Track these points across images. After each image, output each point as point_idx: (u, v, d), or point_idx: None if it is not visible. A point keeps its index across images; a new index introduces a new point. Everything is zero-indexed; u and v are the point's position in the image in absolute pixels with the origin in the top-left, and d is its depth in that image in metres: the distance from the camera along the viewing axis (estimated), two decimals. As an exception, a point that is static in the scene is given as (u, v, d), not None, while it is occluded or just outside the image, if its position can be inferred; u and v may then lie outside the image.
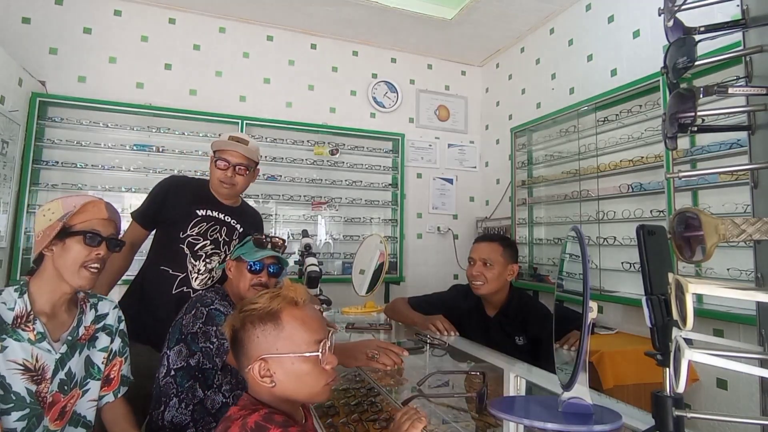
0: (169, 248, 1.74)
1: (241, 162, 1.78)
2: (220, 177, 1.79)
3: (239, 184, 1.82)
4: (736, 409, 2.05)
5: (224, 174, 1.78)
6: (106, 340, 1.29)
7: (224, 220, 1.82)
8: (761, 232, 0.60)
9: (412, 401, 1.22)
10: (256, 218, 2.02)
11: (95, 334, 1.27)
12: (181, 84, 3.41)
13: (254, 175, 1.90)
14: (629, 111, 2.55)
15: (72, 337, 1.19)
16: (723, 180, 1.99)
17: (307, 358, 0.92)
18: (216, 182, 1.80)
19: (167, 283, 1.72)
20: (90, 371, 1.24)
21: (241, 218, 1.87)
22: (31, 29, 3.07)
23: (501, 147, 3.92)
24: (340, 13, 3.46)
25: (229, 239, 1.81)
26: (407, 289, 3.78)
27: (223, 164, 1.77)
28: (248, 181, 1.87)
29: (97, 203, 1.20)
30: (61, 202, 1.18)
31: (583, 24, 3.12)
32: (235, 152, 1.78)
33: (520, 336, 1.84)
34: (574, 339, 1.15)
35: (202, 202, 1.80)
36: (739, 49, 0.73)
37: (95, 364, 1.25)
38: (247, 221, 1.89)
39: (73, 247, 1.13)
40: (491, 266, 1.83)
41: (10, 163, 2.71)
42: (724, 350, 0.58)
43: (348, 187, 3.67)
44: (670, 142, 0.75)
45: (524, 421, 0.84)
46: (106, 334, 1.29)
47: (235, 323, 0.96)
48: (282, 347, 0.92)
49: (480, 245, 1.90)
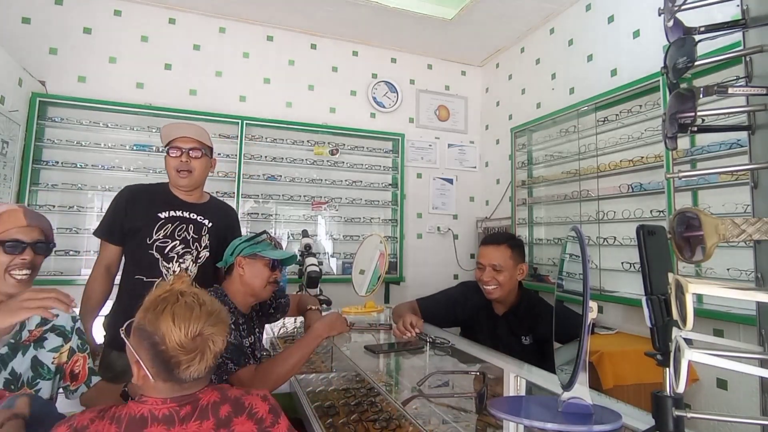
0: (141, 256, 1.71)
1: (193, 146, 1.75)
2: (175, 165, 1.73)
3: (196, 170, 1.76)
4: (736, 409, 2.05)
5: (178, 161, 1.73)
6: (56, 340, 1.28)
7: (189, 217, 1.77)
8: (761, 232, 0.60)
9: (412, 401, 1.23)
10: (228, 212, 1.96)
11: (43, 335, 1.27)
12: (181, 84, 3.41)
13: (211, 164, 1.85)
14: (629, 111, 2.55)
15: (14, 340, 1.20)
16: (723, 180, 1.99)
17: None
18: (173, 174, 1.75)
19: (145, 291, 1.68)
20: (39, 371, 1.24)
21: (207, 214, 1.81)
22: (31, 29, 3.07)
23: (501, 147, 3.92)
24: (340, 13, 3.46)
25: (198, 236, 1.77)
26: (407, 289, 3.78)
27: (175, 152, 1.73)
28: (205, 168, 1.81)
29: (13, 211, 1.22)
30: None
31: (583, 24, 3.12)
32: (184, 137, 1.74)
33: (527, 336, 1.85)
34: None
35: (163, 204, 1.76)
36: (739, 49, 0.73)
37: (45, 364, 1.25)
38: (216, 216, 1.84)
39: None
40: (501, 270, 1.81)
41: (10, 163, 2.71)
42: (724, 350, 0.58)
43: (348, 187, 3.67)
44: (670, 142, 0.75)
45: (524, 421, 0.84)
46: (57, 334, 1.29)
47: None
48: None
49: (488, 249, 1.87)
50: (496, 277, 1.82)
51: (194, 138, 1.75)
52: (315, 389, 1.49)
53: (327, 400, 1.38)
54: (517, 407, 0.93)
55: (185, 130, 1.76)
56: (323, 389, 1.49)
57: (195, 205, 1.80)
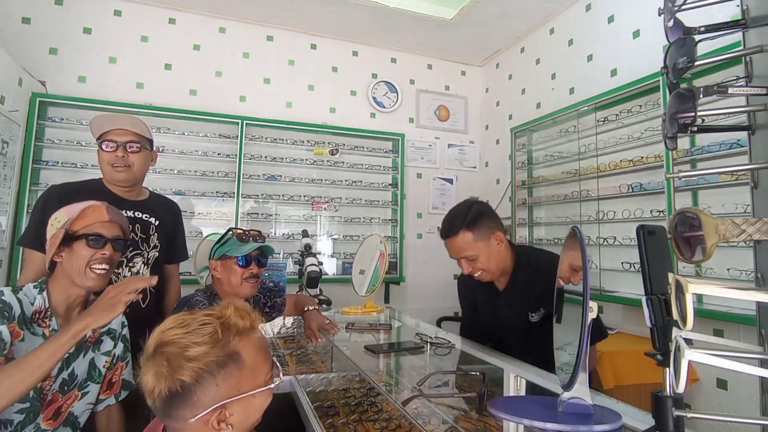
0: None
1: (131, 139, 1.58)
2: (109, 160, 1.56)
3: (135, 164, 1.59)
4: (736, 409, 2.05)
5: (113, 156, 1.56)
6: (109, 344, 1.31)
7: (134, 216, 1.63)
8: (761, 232, 0.60)
9: (412, 401, 1.23)
10: (172, 207, 1.83)
11: (100, 338, 1.29)
12: (181, 84, 3.41)
13: (152, 157, 1.69)
14: (629, 111, 2.55)
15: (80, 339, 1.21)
16: (723, 180, 1.99)
17: (271, 388, 0.81)
18: (108, 170, 1.58)
19: None
20: (92, 374, 1.25)
21: (152, 210, 1.69)
22: (31, 29, 3.07)
23: (501, 147, 3.92)
24: (340, 13, 3.46)
25: (146, 235, 1.65)
26: (407, 289, 3.78)
27: (110, 145, 1.55)
28: (145, 163, 1.64)
29: (97, 207, 1.24)
30: (66, 209, 1.23)
31: (583, 24, 3.12)
32: (119, 129, 1.57)
33: (534, 312, 1.57)
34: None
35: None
36: (739, 49, 0.73)
37: (97, 367, 1.27)
38: (161, 212, 1.72)
39: (78, 251, 1.18)
40: (476, 257, 1.57)
41: (10, 163, 2.71)
42: (724, 350, 0.58)
43: (348, 187, 3.67)
44: (670, 142, 0.75)
45: (524, 421, 0.84)
46: (111, 338, 1.31)
47: (182, 376, 0.74)
48: (245, 386, 0.78)
49: (449, 244, 1.61)
50: (474, 265, 1.58)
51: (130, 130, 1.59)
52: (315, 389, 1.49)
53: (327, 400, 1.38)
54: (517, 407, 0.93)
55: (120, 122, 1.60)
56: (323, 389, 1.50)
57: (137, 203, 1.67)
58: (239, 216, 3.31)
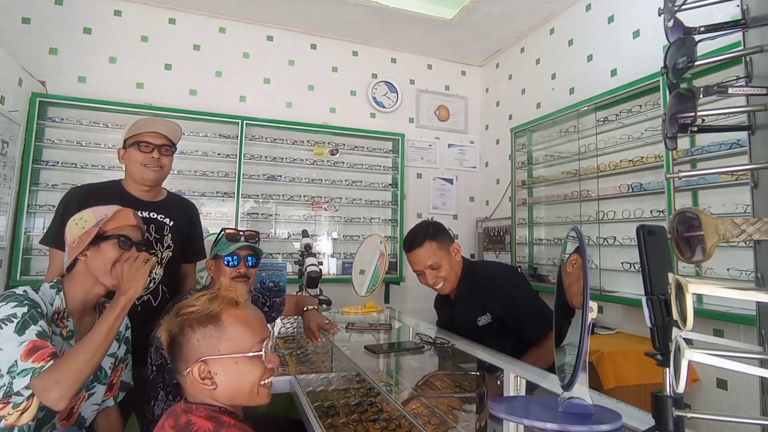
0: None
1: (165, 142, 1.68)
2: (144, 161, 1.64)
3: (166, 167, 1.70)
4: (736, 409, 2.05)
5: (149, 156, 1.64)
6: (114, 345, 1.30)
7: (149, 217, 1.68)
8: (761, 232, 0.60)
9: (412, 401, 1.23)
10: (189, 208, 1.88)
11: None
12: (181, 84, 3.41)
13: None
14: (629, 111, 2.55)
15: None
16: (723, 180, 1.99)
17: (251, 357, 0.92)
18: (139, 169, 1.64)
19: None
20: (98, 375, 1.25)
21: (167, 212, 1.74)
22: (31, 29, 3.07)
23: (501, 147, 3.92)
24: (340, 13, 3.46)
25: (161, 236, 1.69)
26: (407, 289, 3.78)
27: (147, 147, 1.64)
28: (171, 165, 1.75)
29: (126, 211, 1.31)
30: (93, 211, 1.27)
31: (583, 24, 3.12)
32: (155, 133, 1.66)
33: (481, 316, 1.77)
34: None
35: (119, 205, 1.63)
36: (739, 49, 0.73)
37: (103, 368, 1.27)
38: (176, 213, 1.77)
39: (107, 250, 1.21)
40: (439, 266, 1.77)
41: (10, 163, 2.71)
42: (724, 350, 0.58)
43: (348, 187, 3.67)
44: (670, 142, 0.75)
45: (524, 421, 0.84)
46: (116, 339, 1.31)
47: (172, 328, 0.93)
48: (224, 348, 0.91)
49: (415, 254, 1.79)
50: (438, 275, 1.78)
51: (166, 135, 1.69)
52: (315, 389, 1.49)
53: (327, 400, 1.38)
54: (517, 407, 0.93)
55: (159, 126, 1.68)
56: (323, 389, 1.50)
57: (153, 204, 1.72)
58: (239, 216, 3.31)
